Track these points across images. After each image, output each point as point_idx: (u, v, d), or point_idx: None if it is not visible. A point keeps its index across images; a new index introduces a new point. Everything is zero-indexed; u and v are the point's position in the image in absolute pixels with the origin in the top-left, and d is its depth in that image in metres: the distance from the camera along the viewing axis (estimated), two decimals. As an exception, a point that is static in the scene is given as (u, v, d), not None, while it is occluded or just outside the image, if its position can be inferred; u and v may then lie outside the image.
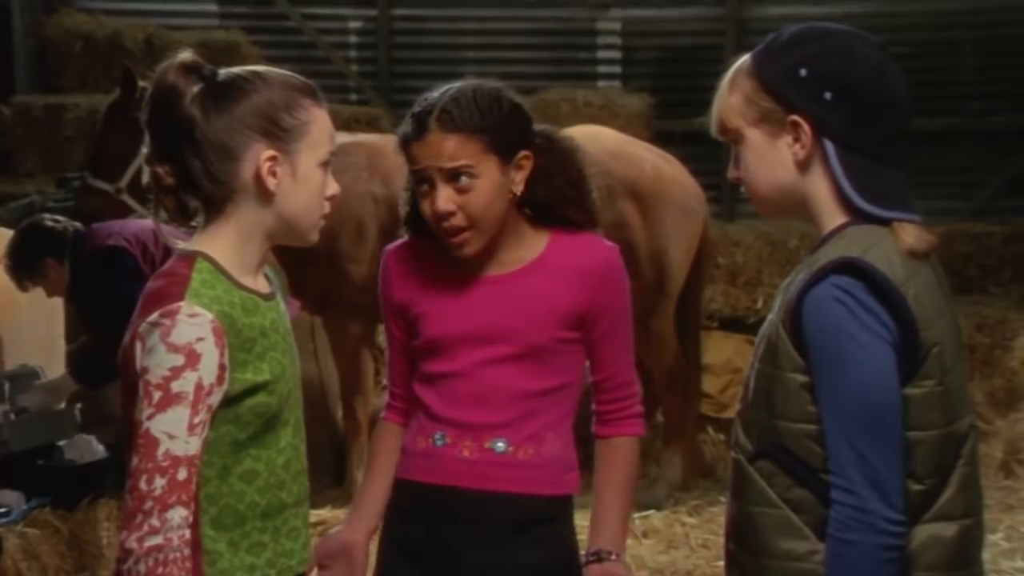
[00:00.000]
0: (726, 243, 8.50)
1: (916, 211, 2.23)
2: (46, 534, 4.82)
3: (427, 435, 2.66)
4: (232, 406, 2.21)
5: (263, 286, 2.33)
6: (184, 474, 2.13)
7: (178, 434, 2.12)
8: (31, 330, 6.26)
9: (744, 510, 2.26)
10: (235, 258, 2.27)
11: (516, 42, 10.08)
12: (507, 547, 2.61)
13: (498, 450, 2.61)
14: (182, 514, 2.13)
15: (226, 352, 2.17)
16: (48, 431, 5.23)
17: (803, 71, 2.20)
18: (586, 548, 2.68)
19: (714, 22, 9.98)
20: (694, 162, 6.63)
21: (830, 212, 2.24)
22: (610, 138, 6.23)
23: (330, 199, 2.33)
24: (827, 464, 2.14)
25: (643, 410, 2.76)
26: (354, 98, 10.13)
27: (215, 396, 2.17)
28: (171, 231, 2.33)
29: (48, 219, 5.66)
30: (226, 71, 2.28)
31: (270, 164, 2.24)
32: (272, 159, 2.23)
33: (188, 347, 2.13)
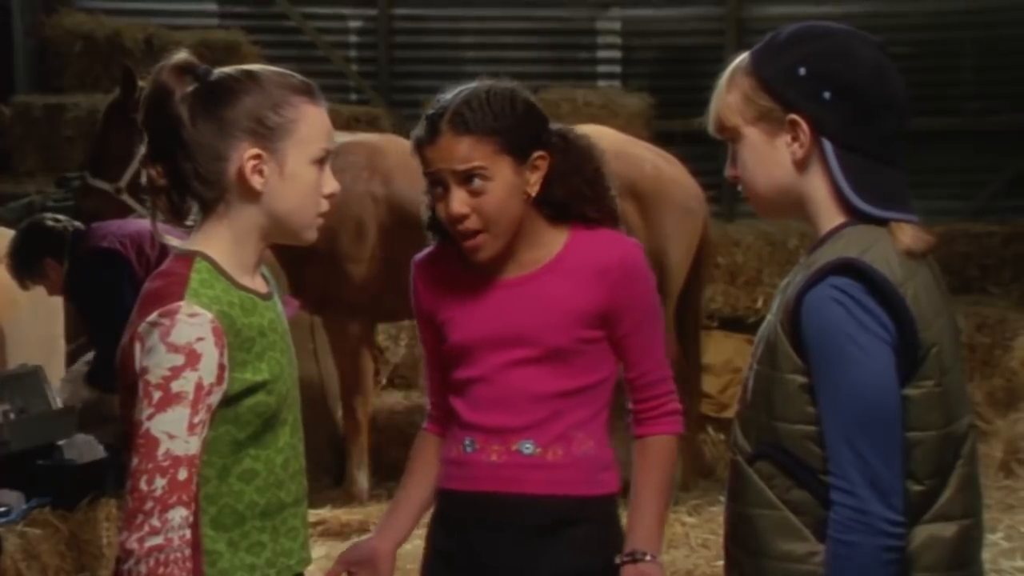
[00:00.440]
0: (726, 243, 8.51)
1: (914, 211, 2.22)
2: (46, 534, 4.82)
3: (458, 442, 2.66)
4: (231, 406, 2.21)
5: (261, 286, 2.33)
6: (184, 474, 2.13)
7: (178, 434, 2.12)
8: (31, 329, 6.26)
9: (743, 511, 2.26)
10: (232, 258, 2.27)
11: (516, 42, 10.09)
12: (538, 550, 2.59)
13: (526, 452, 2.59)
14: (183, 514, 2.13)
15: (225, 352, 2.17)
16: (48, 431, 5.23)
17: (802, 70, 2.20)
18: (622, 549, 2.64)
19: (714, 22, 9.99)
20: (694, 162, 6.63)
21: (828, 212, 2.23)
22: (610, 138, 6.21)
23: (329, 197, 2.31)
24: (826, 465, 2.14)
25: (681, 407, 2.71)
26: (354, 98, 10.14)
27: (215, 396, 2.17)
28: (170, 231, 2.33)
29: (49, 219, 5.68)
30: (219, 71, 2.28)
31: (255, 163, 2.23)
32: (256, 157, 2.23)
33: (188, 347, 2.13)
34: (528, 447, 2.60)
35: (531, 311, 2.59)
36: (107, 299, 5.23)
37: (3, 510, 4.86)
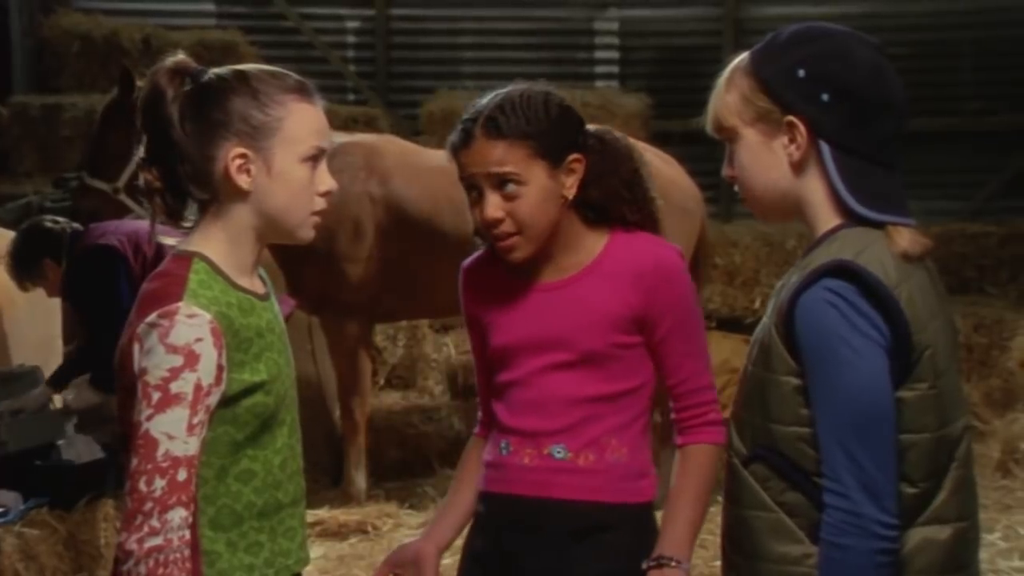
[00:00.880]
0: (724, 243, 8.51)
1: (911, 214, 2.22)
2: (44, 534, 4.82)
3: (496, 445, 2.66)
4: (229, 406, 2.21)
5: (258, 287, 2.33)
6: (184, 475, 2.13)
7: (177, 435, 2.12)
8: (29, 330, 6.26)
9: (739, 513, 2.26)
10: (229, 258, 2.27)
11: (513, 42, 10.08)
12: (566, 555, 2.58)
13: (557, 456, 2.58)
14: (182, 515, 2.13)
15: (224, 353, 2.17)
16: (46, 431, 5.23)
17: (801, 72, 2.20)
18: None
19: (712, 22, 9.99)
20: (692, 162, 6.62)
21: (824, 214, 2.23)
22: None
23: (325, 195, 2.31)
24: (820, 467, 2.14)
25: (721, 416, 2.65)
26: (352, 98, 10.13)
27: (213, 397, 2.17)
28: (168, 231, 2.33)
29: (48, 220, 5.69)
30: (212, 72, 2.28)
31: (240, 162, 2.23)
32: (242, 156, 2.23)
33: (187, 348, 2.13)
34: (560, 451, 2.59)
35: (568, 315, 2.58)
36: (104, 295, 5.24)
37: (1, 510, 4.86)
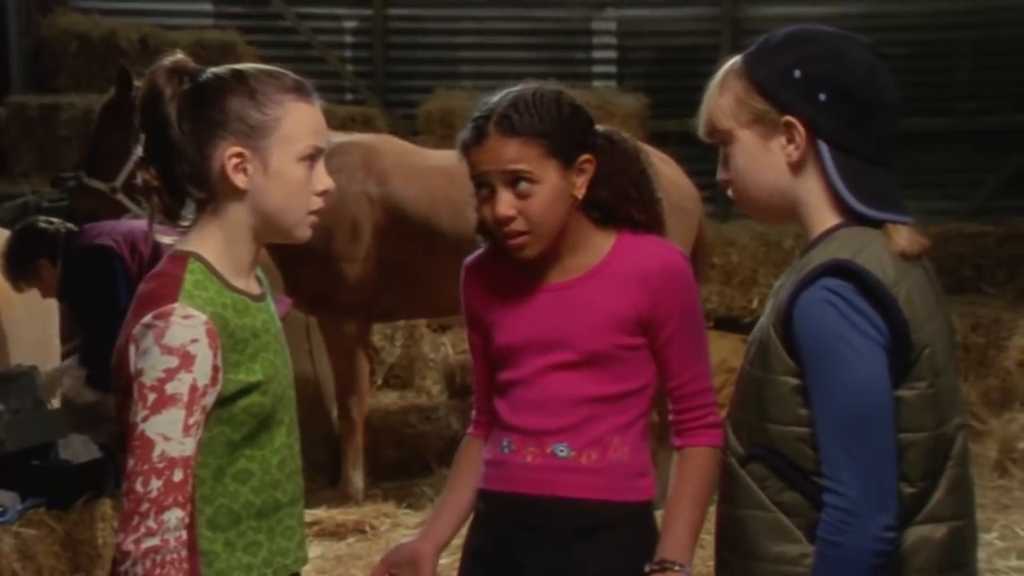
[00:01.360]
0: (721, 243, 8.51)
1: (908, 213, 2.22)
2: (41, 534, 4.82)
3: (498, 444, 2.66)
4: (226, 407, 2.21)
5: (254, 287, 2.33)
6: (180, 475, 2.13)
7: (173, 436, 2.13)
8: (26, 330, 6.26)
9: (735, 513, 2.26)
10: (226, 258, 2.27)
11: (512, 42, 10.08)
12: (569, 553, 2.59)
13: (560, 455, 2.59)
14: (179, 515, 2.13)
15: (219, 353, 2.17)
16: (43, 431, 5.23)
17: (797, 72, 2.20)
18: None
19: (710, 22, 9.99)
20: (689, 162, 6.61)
21: (822, 214, 2.23)
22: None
23: (323, 195, 2.31)
24: (819, 467, 2.14)
25: (720, 419, 2.64)
26: (349, 98, 10.13)
27: (209, 397, 2.17)
28: (165, 230, 2.33)
29: (42, 221, 5.69)
30: (209, 71, 2.28)
31: (237, 161, 2.23)
32: (238, 156, 2.23)
33: (182, 349, 2.13)
34: (562, 450, 2.59)
35: (573, 316, 2.59)
36: (100, 295, 5.24)
37: (-1, 510, 4.87)
